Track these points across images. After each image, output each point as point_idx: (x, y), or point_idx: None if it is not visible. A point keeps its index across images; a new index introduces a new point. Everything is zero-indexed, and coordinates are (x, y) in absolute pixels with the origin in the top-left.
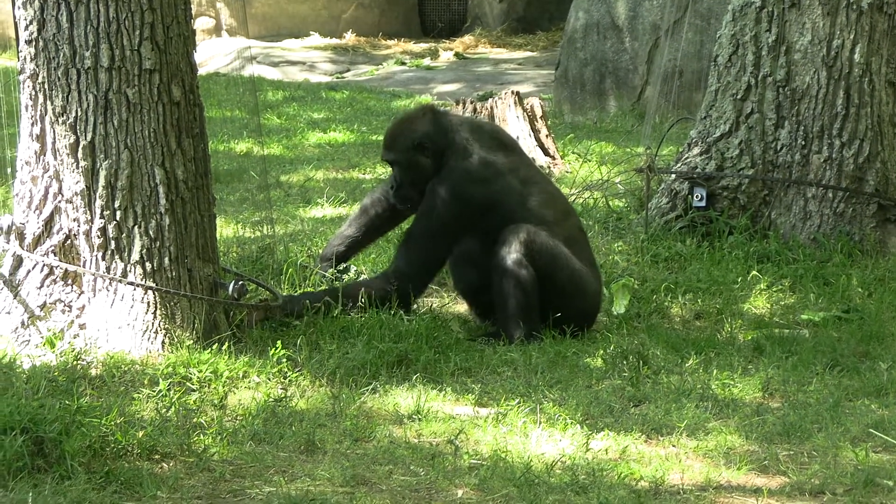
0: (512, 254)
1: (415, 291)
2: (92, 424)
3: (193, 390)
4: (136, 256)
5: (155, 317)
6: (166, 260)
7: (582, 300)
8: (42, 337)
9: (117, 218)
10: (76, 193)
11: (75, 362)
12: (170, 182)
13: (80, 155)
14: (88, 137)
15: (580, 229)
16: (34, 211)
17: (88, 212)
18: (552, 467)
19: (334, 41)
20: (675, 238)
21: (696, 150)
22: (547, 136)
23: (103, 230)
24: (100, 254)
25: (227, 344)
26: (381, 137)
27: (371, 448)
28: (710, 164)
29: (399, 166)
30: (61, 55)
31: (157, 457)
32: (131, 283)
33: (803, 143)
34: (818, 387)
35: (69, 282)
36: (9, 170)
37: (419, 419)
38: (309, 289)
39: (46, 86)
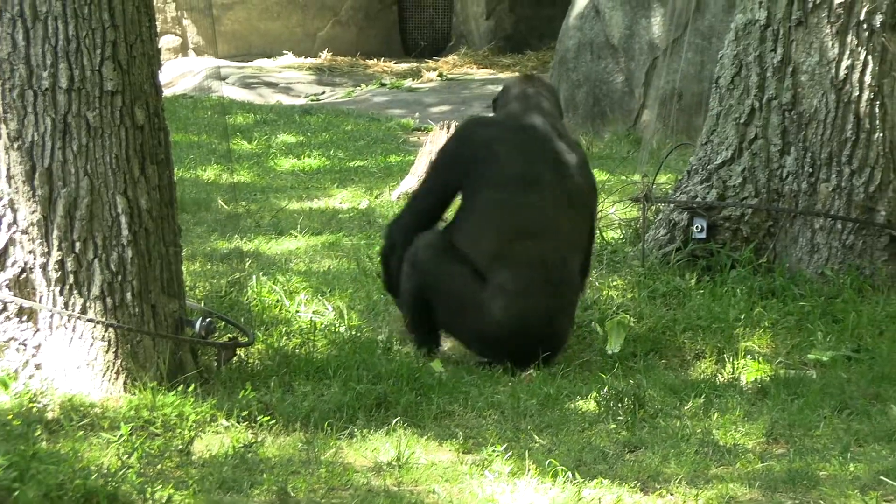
0: (408, 257)
1: (396, 236)
2: (48, 471)
3: (157, 435)
4: (96, 291)
5: (116, 356)
6: (128, 295)
7: (475, 323)
8: None
9: (76, 250)
10: (32, 224)
11: (31, 405)
12: (132, 212)
13: (36, 182)
14: (45, 164)
15: (542, 261)
16: None
17: (45, 243)
18: None
19: (309, 61)
20: (673, 272)
21: (696, 178)
22: None
23: (61, 263)
24: (57, 288)
25: (193, 385)
26: (359, 164)
27: (348, 497)
28: (711, 193)
29: None
30: (17, 76)
31: None
32: (91, 320)
33: (810, 170)
34: (826, 431)
35: (24, 318)
36: None
37: (399, 466)
38: (282, 328)
39: (0, 108)
